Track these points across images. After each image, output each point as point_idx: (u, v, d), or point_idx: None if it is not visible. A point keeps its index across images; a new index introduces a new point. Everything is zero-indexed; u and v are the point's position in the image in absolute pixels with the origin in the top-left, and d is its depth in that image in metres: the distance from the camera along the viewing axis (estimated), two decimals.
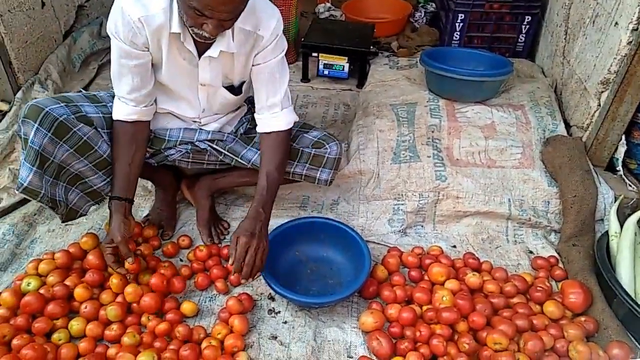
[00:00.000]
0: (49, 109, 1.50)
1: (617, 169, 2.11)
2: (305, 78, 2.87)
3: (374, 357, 1.54)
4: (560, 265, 1.88)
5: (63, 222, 1.74)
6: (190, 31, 1.41)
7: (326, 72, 2.76)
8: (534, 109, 2.27)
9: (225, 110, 1.79)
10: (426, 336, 1.53)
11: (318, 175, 1.82)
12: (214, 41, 1.48)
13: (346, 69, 2.73)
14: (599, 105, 2.04)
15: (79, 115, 1.57)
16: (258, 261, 1.53)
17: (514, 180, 2.06)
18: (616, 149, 2.11)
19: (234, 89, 1.70)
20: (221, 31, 1.39)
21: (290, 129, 1.71)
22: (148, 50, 1.51)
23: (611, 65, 1.95)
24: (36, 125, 1.47)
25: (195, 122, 1.78)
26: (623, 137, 2.07)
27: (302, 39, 2.77)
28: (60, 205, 1.65)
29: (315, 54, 2.74)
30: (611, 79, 1.97)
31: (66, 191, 1.67)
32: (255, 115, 1.71)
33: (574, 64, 2.27)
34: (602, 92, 2.02)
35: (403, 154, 2.10)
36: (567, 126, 2.25)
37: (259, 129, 1.70)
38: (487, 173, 2.07)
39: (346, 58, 2.70)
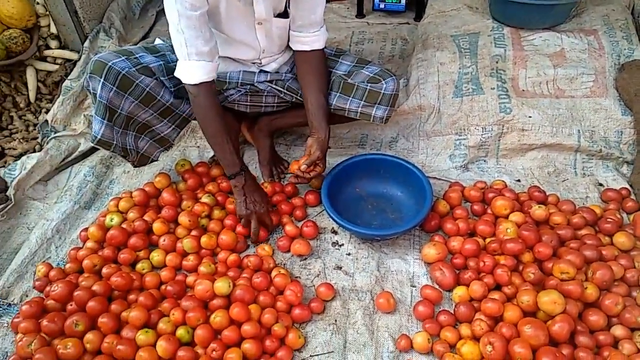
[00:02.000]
0: (112, 64, 1.57)
1: None
2: (360, 14, 2.79)
3: (437, 287, 1.58)
4: (633, 197, 1.81)
5: (135, 167, 1.87)
6: None
7: (382, 5, 2.67)
8: (608, 33, 2.11)
9: (283, 45, 1.79)
10: (490, 266, 1.54)
11: (374, 112, 1.78)
12: None
13: (403, 0, 2.62)
14: None
15: (140, 67, 1.63)
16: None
17: (584, 110, 1.96)
18: None
19: (282, 14, 1.69)
20: None
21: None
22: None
23: None
24: (102, 80, 1.55)
25: (254, 63, 1.79)
26: None
27: None
28: (131, 153, 1.76)
29: None
30: None
31: (136, 139, 1.78)
32: (293, 33, 1.72)
33: None
34: None
35: (465, 87, 2.04)
36: None
37: (297, 47, 1.73)
38: (555, 104, 1.98)
39: None
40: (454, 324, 1.47)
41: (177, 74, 1.59)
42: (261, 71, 1.82)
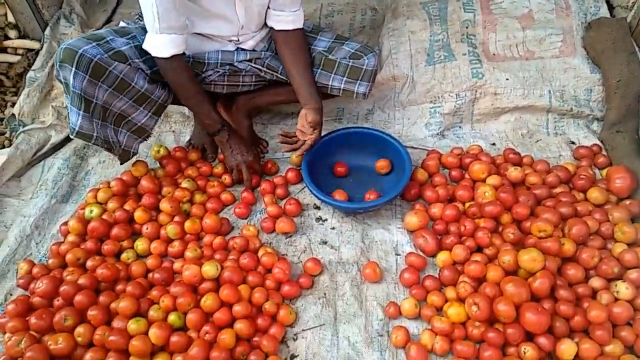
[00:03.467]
0: (83, 51, 1.49)
1: None
2: None
3: (421, 253, 1.62)
4: (604, 152, 1.86)
5: (121, 164, 1.80)
6: None
7: None
8: None
9: (260, 23, 1.77)
10: (471, 230, 1.58)
11: (356, 88, 1.79)
12: None
13: None
14: None
15: (112, 52, 1.56)
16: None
17: (554, 71, 1.99)
18: None
19: None
20: None
21: None
22: None
23: None
24: (73, 69, 1.48)
25: (231, 41, 1.76)
26: None
27: None
28: (114, 146, 1.70)
29: None
30: None
31: (115, 133, 1.71)
32: (274, 12, 1.71)
33: None
34: None
35: (437, 54, 2.05)
36: (610, 7, 2.12)
37: (279, 26, 1.72)
38: (526, 66, 2.01)
39: None
40: (440, 288, 1.52)
41: (146, 46, 1.57)
42: (239, 50, 1.79)
